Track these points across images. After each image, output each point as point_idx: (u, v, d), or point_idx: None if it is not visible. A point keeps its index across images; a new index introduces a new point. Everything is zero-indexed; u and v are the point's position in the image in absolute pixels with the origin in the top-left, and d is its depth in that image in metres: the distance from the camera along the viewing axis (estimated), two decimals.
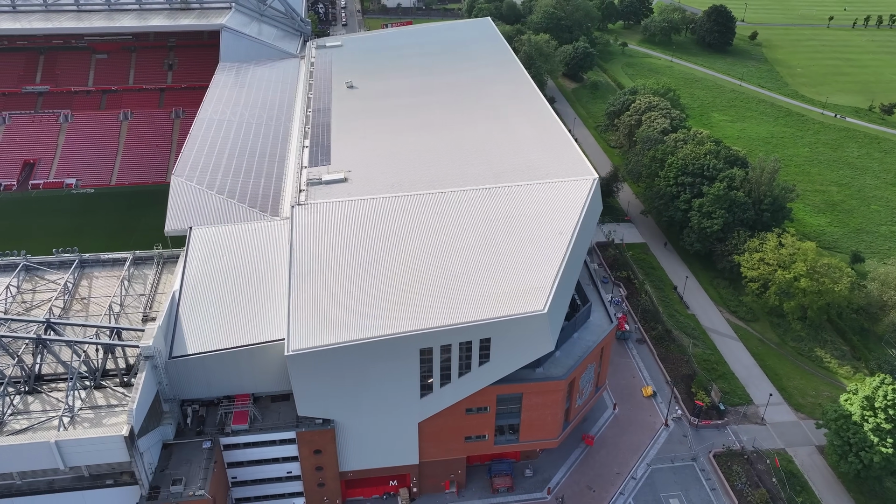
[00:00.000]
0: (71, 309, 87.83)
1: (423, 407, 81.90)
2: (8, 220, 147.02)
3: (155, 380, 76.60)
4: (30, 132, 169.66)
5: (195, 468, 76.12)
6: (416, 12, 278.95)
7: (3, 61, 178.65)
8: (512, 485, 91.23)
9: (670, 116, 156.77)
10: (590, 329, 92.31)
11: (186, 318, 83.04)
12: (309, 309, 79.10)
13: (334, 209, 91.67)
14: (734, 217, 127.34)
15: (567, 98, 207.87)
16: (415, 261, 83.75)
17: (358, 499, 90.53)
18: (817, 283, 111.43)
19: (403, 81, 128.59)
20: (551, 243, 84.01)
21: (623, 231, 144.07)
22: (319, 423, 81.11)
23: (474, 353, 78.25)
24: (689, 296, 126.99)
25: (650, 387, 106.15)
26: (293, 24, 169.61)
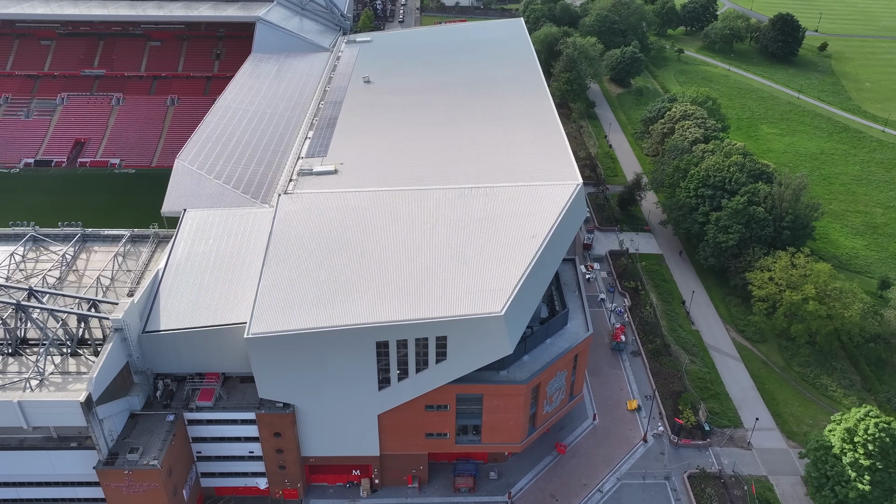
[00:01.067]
0: (66, 279, 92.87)
1: (382, 400, 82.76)
2: (53, 194, 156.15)
3: (124, 352, 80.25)
4: (83, 113, 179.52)
5: (154, 439, 79.39)
6: (474, 11, 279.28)
7: (67, 45, 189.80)
8: (474, 486, 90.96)
9: (704, 126, 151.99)
10: (564, 336, 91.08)
11: (166, 295, 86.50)
12: (275, 294, 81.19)
13: (317, 200, 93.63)
14: (751, 233, 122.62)
15: (610, 103, 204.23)
16: (384, 254, 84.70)
17: (322, 485, 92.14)
18: (827, 307, 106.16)
19: (419, 79, 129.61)
20: (521, 246, 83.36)
21: (641, 241, 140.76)
22: (280, 406, 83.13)
23: (431, 351, 78.54)
24: (697, 311, 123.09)
25: (636, 400, 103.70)
26: (333, 18, 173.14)
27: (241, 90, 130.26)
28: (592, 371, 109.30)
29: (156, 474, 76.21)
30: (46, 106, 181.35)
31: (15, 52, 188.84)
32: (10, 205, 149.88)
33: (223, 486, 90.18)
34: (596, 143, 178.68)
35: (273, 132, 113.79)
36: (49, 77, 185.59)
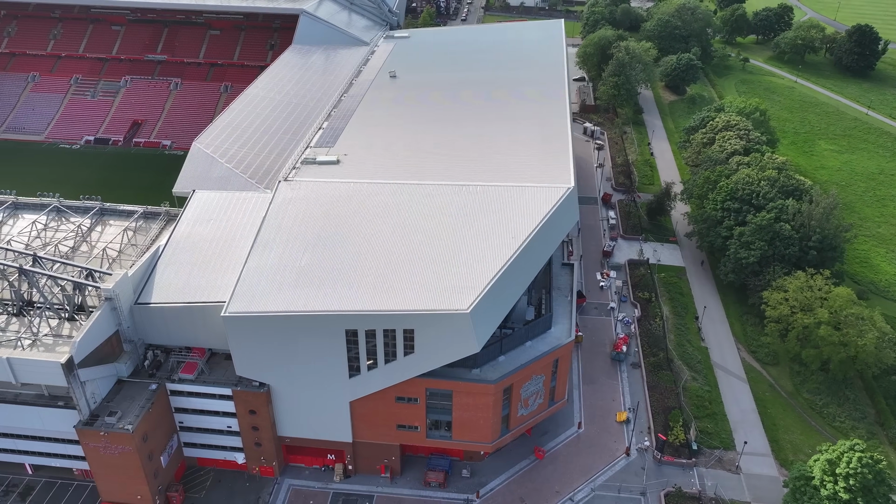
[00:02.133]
0: (79, 249, 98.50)
1: (353, 387, 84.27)
2: (106, 171, 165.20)
3: (114, 320, 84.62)
4: (143, 96, 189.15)
5: (134, 405, 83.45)
6: (538, 12, 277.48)
7: (135, 31, 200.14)
8: (444, 481, 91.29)
9: (747, 138, 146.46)
10: (545, 340, 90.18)
11: (162, 270, 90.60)
12: (258, 277, 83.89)
13: (313, 188, 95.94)
14: (775, 251, 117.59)
15: (660, 110, 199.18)
16: (366, 245, 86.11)
17: (299, 465, 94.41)
18: (840, 334, 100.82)
19: (444, 76, 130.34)
20: (500, 245, 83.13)
21: (665, 252, 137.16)
22: (256, 385, 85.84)
23: (398, 343, 79.46)
24: (710, 328, 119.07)
25: (626, 412, 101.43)
26: (381, 14, 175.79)
27: (272, 79, 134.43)
28: (587, 379, 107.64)
29: (129, 438, 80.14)
30: (111, 87, 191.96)
31: (88, 36, 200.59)
32: (63, 178, 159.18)
33: (204, 457, 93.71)
34: (637, 149, 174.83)
35: (292, 121, 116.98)
36: (116, 60, 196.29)
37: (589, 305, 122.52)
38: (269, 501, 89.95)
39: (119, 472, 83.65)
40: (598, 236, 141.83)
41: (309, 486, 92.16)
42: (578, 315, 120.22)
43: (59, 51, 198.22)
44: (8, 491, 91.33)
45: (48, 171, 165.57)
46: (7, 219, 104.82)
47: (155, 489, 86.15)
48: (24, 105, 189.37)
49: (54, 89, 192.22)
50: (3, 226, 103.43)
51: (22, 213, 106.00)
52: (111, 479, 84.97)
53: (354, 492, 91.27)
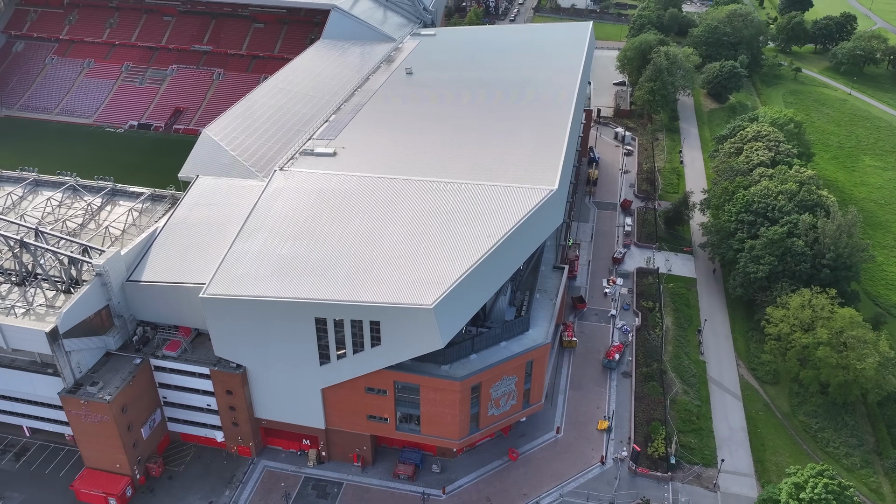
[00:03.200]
0: (87, 226, 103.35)
1: (324, 375, 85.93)
2: (144, 154, 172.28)
3: (104, 295, 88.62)
4: (187, 84, 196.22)
5: (116, 377, 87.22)
6: (589, 14, 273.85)
7: (184, 22, 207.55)
8: (413, 475, 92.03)
9: (776, 150, 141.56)
10: (521, 341, 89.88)
11: (156, 251, 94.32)
12: (240, 261, 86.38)
13: (306, 178, 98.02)
14: (784, 267, 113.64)
15: (699, 118, 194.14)
16: (346, 237, 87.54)
17: (276, 448, 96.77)
18: (839, 356, 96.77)
19: (460, 74, 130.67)
20: (474, 244, 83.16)
21: (677, 262, 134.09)
22: (233, 367, 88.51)
23: (366, 334, 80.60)
24: (712, 342, 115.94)
25: (607, 421, 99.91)
26: (416, 12, 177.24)
27: (293, 72, 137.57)
28: (575, 385, 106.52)
29: (107, 408, 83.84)
30: (158, 75, 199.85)
31: (141, 25, 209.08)
32: (105, 159, 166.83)
33: (188, 433, 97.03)
34: (667, 157, 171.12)
35: (304, 114, 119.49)
36: (165, 49, 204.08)
37: (589, 311, 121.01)
38: (242, 480, 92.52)
39: (99, 440, 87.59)
40: (611, 242, 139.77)
41: (283, 468, 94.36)
42: (577, 320, 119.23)
43: (113, 39, 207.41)
44: (6, 450, 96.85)
45: (93, 152, 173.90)
46: (28, 194, 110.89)
47: (133, 459, 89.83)
48: (77, 89, 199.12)
49: (106, 75, 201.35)
50: (23, 201, 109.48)
51: (42, 189, 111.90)
52: (92, 447, 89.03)
53: (325, 478, 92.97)
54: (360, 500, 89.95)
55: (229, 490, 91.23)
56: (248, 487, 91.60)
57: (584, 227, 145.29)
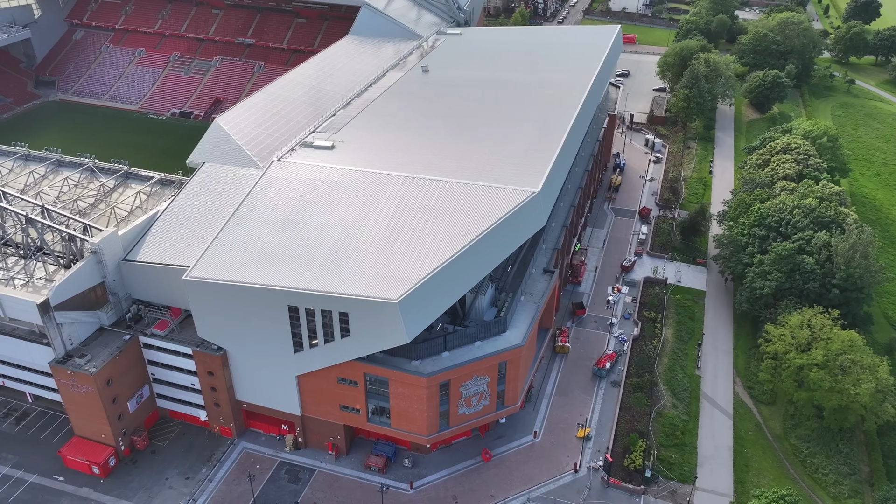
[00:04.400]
0: (97, 206, 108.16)
1: (298, 362, 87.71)
2: (180, 141, 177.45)
3: (99, 273, 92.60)
4: (229, 76, 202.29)
5: (104, 352, 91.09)
6: (640, 18, 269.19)
7: (231, 15, 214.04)
8: (384, 467, 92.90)
9: (805, 163, 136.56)
10: (495, 342, 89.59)
11: (155, 233, 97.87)
12: (225, 248, 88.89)
13: (300, 170, 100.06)
14: (793, 284, 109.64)
15: (737, 127, 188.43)
16: (327, 228, 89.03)
17: (257, 431, 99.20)
18: (832, 379, 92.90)
19: (475, 73, 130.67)
20: (448, 242, 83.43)
21: (689, 274, 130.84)
22: (215, 349, 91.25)
23: (335, 324, 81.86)
24: (712, 357, 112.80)
25: (588, 429, 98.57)
26: (449, 11, 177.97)
27: (314, 67, 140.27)
28: (561, 391, 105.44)
29: (91, 380, 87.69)
30: (203, 66, 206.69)
31: (191, 17, 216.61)
32: (144, 145, 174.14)
33: (175, 410, 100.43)
34: (696, 166, 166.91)
35: (316, 107, 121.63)
36: (211, 41, 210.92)
37: (588, 318, 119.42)
38: (220, 459, 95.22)
39: (85, 410, 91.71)
40: (624, 250, 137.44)
41: (261, 451, 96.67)
42: (574, 326, 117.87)
43: (164, 29, 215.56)
44: (8, 414, 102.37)
45: (133, 137, 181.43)
46: (49, 173, 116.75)
47: (118, 431, 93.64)
48: (127, 77, 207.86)
49: (155, 64, 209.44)
50: (44, 179, 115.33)
51: (63, 169, 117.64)
52: (80, 416, 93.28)
53: (299, 464, 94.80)
54: (330, 488, 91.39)
55: (206, 468, 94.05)
56: (224, 467, 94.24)
57: (598, 232, 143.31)
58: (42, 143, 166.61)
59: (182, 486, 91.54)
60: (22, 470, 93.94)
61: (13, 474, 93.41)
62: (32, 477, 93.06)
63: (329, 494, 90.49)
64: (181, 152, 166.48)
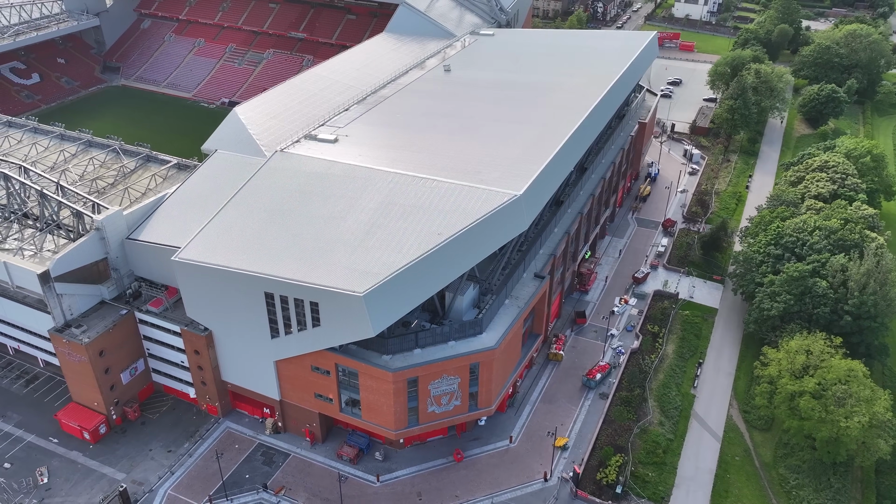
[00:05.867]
0: (117, 185, 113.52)
1: (275, 348, 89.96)
2: None
3: (102, 249, 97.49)
4: (279, 68, 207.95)
5: (100, 324, 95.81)
6: (703, 26, 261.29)
7: (286, 10, 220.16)
8: (355, 458, 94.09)
9: (842, 183, 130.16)
10: (469, 342, 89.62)
11: (161, 214, 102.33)
12: (217, 233, 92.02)
13: (299, 161, 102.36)
14: (802, 307, 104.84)
15: (785, 142, 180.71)
16: (312, 219, 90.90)
17: (242, 412, 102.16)
18: (823, 410, 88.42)
19: (496, 75, 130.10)
20: (423, 239, 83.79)
21: (704, 290, 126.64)
22: (202, 329, 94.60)
23: (307, 313, 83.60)
24: (711, 377, 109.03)
25: (566, 438, 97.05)
26: (491, 12, 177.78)
27: (342, 62, 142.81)
28: (547, 398, 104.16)
29: (83, 349, 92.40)
30: (256, 58, 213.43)
31: (249, 11, 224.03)
32: (193, 130, 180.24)
33: (169, 386, 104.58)
34: (732, 180, 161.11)
35: (333, 101, 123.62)
36: (265, 35, 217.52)
37: (589, 328, 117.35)
38: (203, 436, 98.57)
39: (79, 378, 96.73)
40: (641, 261, 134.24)
41: (242, 432, 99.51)
42: (573, 335, 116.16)
43: (223, 21, 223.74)
44: (20, 376, 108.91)
45: (184, 123, 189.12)
46: (79, 153, 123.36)
47: (110, 400, 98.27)
48: (185, 65, 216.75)
49: (211, 55, 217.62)
50: (74, 158, 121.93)
51: (92, 149, 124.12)
52: (75, 383, 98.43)
53: (276, 447, 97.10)
54: (300, 474, 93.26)
55: (189, 443, 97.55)
56: (205, 443, 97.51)
57: (617, 242, 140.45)
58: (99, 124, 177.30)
59: (163, 458, 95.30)
60: (22, 429, 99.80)
61: (14, 433, 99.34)
62: (31, 437, 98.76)
63: (298, 479, 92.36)
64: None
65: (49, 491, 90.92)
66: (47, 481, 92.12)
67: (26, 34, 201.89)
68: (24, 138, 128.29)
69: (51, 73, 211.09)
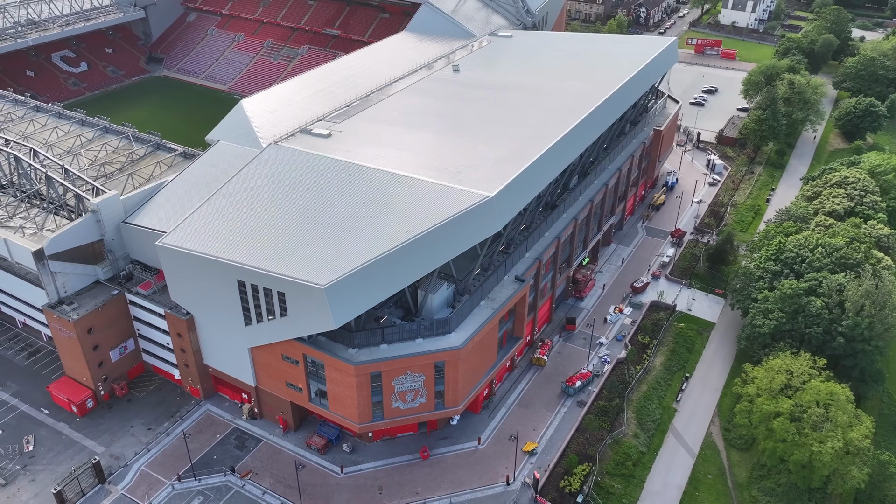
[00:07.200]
0: (124, 171, 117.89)
1: (249, 335, 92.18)
2: None
3: (98, 231, 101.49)
4: (312, 64, 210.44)
5: (91, 303, 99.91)
6: (749, 34, 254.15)
7: (323, 7, 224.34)
8: (323, 448, 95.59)
9: (860, 200, 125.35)
10: (436, 341, 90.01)
11: (159, 200, 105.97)
12: (203, 220, 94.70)
13: (290, 154, 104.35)
14: (794, 326, 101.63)
15: (817, 156, 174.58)
16: (290, 210, 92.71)
17: (224, 396, 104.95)
18: (796, 433, 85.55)
19: (504, 77, 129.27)
20: (391, 235, 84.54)
21: (704, 304, 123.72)
22: (184, 313, 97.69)
23: (275, 303, 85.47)
24: (696, 393, 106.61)
25: (535, 444, 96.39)
26: (517, 14, 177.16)
27: (357, 59, 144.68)
28: (523, 402, 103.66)
29: (72, 326, 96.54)
30: (291, 53, 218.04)
31: (288, 7, 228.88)
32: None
33: (156, 366, 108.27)
34: (752, 193, 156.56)
35: (338, 96, 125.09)
36: (302, 31, 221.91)
37: (578, 335, 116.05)
38: (182, 417, 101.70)
39: (70, 353, 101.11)
40: (643, 271, 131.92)
41: (220, 415, 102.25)
42: (561, 341, 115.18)
43: (263, 17, 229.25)
44: (25, 348, 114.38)
45: (216, 114, 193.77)
46: (95, 139, 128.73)
47: (98, 376, 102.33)
48: (224, 59, 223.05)
49: (250, 49, 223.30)
50: (90, 143, 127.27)
51: (108, 135, 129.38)
52: (66, 358, 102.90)
53: (250, 432, 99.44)
54: (269, 459, 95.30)
55: (168, 423, 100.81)
56: (184, 424, 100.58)
57: (622, 250, 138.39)
58: (136, 112, 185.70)
59: (142, 435, 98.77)
60: (18, 399, 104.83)
61: (10, 401, 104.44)
62: (24, 406, 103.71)
63: (266, 465, 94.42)
64: None
65: (32, 458, 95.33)
66: (32, 449, 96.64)
67: (75, 24, 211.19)
68: (49, 122, 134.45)
69: (98, 62, 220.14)
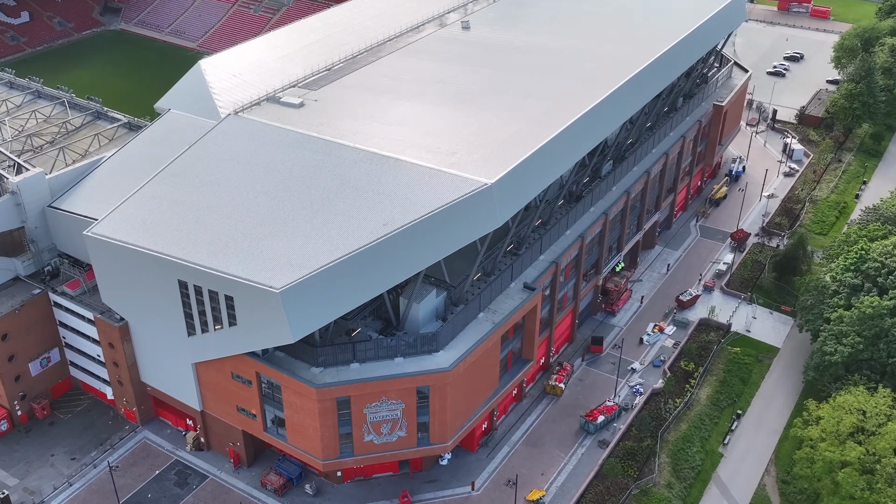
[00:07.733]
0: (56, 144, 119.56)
1: (193, 348, 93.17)
2: None
3: (17, 216, 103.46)
4: (297, 17, 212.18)
5: (7, 304, 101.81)
6: None
7: None
8: (281, 489, 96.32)
9: None
10: (420, 361, 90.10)
11: (94, 180, 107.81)
12: (143, 204, 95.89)
13: (254, 127, 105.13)
14: (873, 354, 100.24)
15: None
16: (247, 196, 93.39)
17: (166, 422, 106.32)
18: (866, 488, 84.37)
19: (520, 36, 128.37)
20: (367, 229, 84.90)
21: (767, 322, 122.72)
22: (118, 318, 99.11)
23: (223, 309, 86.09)
24: (750, 434, 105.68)
25: (543, 492, 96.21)
26: None
27: (348, 10, 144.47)
28: (531, 440, 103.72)
29: None
30: (275, 5, 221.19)
31: None
32: None
33: (86, 383, 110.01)
34: (838, 186, 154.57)
35: (320, 57, 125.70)
36: None
37: (606, 357, 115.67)
38: (114, 446, 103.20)
39: None
40: (692, 281, 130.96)
41: (160, 445, 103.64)
42: (584, 365, 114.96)
43: None
44: None
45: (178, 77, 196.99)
46: (25, 105, 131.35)
47: (14, 393, 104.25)
48: (193, 10, 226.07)
49: None
50: (19, 109, 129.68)
51: (41, 101, 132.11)
52: None
53: (194, 466, 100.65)
54: (215, 500, 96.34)
55: (97, 451, 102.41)
56: (115, 454, 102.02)
57: (668, 254, 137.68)
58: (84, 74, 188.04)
59: (64, 467, 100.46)
60: None
61: None
62: None
63: None
64: None
65: None
66: None
67: None
68: None
69: (43, 11, 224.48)
